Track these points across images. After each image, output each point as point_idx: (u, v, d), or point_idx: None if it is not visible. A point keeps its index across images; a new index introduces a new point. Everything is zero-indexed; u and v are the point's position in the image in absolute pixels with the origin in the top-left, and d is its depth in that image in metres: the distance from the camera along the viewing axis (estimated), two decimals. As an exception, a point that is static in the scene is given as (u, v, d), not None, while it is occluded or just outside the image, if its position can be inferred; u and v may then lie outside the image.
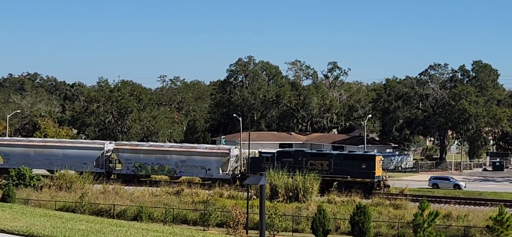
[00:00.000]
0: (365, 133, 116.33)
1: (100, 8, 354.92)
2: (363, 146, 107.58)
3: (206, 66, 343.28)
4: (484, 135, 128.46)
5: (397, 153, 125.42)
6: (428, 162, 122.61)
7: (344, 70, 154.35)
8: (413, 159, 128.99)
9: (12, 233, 24.86)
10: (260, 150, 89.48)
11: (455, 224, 60.91)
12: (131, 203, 69.28)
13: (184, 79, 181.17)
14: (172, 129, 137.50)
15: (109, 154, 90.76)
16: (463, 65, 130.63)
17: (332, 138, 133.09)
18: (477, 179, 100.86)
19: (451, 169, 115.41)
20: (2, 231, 25.18)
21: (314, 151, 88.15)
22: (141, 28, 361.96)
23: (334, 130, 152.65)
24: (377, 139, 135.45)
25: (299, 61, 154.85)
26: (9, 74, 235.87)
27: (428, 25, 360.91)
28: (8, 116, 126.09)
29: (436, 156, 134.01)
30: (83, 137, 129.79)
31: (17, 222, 26.74)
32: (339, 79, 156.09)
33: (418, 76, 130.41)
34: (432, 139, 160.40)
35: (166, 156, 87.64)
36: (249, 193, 67.53)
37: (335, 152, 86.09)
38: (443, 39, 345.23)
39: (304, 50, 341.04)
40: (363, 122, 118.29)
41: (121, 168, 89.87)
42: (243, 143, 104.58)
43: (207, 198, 68.24)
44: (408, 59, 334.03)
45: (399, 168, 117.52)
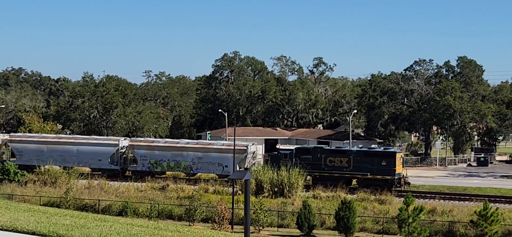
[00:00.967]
0: (351, 129, 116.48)
1: (86, 3, 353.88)
2: (349, 142, 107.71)
3: (192, 62, 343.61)
4: (469, 131, 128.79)
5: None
6: (413, 158, 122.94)
7: (330, 66, 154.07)
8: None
9: (-4, 228, 24.73)
10: (278, 147, 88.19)
11: (440, 219, 61.18)
12: (116, 199, 69.18)
13: (170, 74, 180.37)
14: (158, 125, 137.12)
15: (124, 151, 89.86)
16: (448, 61, 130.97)
17: (318, 134, 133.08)
18: (462, 175, 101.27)
19: (436, 165, 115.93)
20: (-14, 226, 25.05)
21: (333, 148, 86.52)
22: (127, 23, 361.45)
23: (320, 126, 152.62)
24: (362, 135, 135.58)
25: (285, 57, 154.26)
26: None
27: (413, 21, 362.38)
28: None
29: (421, 152, 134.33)
30: (68, 132, 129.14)
31: (1, 217, 26.57)
32: (325, 75, 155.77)
33: (403, 72, 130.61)
34: (417, 135, 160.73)
35: (183, 153, 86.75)
36: (235, 188, 67.60)
37: (355, 149, 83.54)
38: (428, 35, 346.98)
39: (290, 46, 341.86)
40: (349, 118, 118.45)
41: (136, 165, 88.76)
42: (228, 139, 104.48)
43: (193, 194, 68.27)
44: (394, 55, 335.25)
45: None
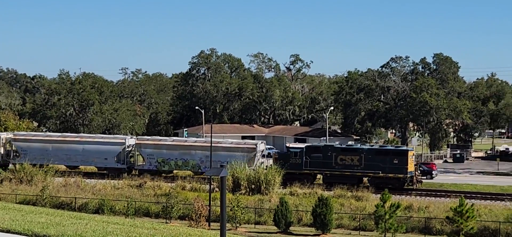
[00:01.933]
0: (327, 126, 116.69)
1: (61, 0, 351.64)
2: (326, 139, 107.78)
3: (168, 59, 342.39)
4: (445, 127, 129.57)
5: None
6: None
7: (307, 63, 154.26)
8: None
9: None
10: (288, 145, 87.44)
11: (416, 216, 61.55)
12: (93, 196, 68.97)
13: (146, 72, 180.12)
14: (134, 122, 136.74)
15: (131, 149, 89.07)
16: (424, 58, 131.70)
17: (295, 131, 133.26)
18: (438, 171, 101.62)
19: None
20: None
21: (344, 146, 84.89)
22: (103, 20, 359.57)
23: (297, 123, 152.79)
24: (339, 132, 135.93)
25: (262, 54, 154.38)
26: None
27: (390, 18, 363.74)
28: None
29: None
30: (44, 130, 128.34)
31: (-24, 215, 26.40)
32: (301, 72, 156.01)
33: (380, 69, 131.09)
34: (394, 131, 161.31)
35: (191, 151, 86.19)
36: (212, 186, 67.53)
37: (366, 147, 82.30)
38: (405, 32, 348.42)
39: (267, 43, 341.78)
40: (325, 115, 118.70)
41: (143, 164, 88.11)
42: (206, 136, 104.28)
43: (169, 191, 68.11)
44: (370, 52, 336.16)
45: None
